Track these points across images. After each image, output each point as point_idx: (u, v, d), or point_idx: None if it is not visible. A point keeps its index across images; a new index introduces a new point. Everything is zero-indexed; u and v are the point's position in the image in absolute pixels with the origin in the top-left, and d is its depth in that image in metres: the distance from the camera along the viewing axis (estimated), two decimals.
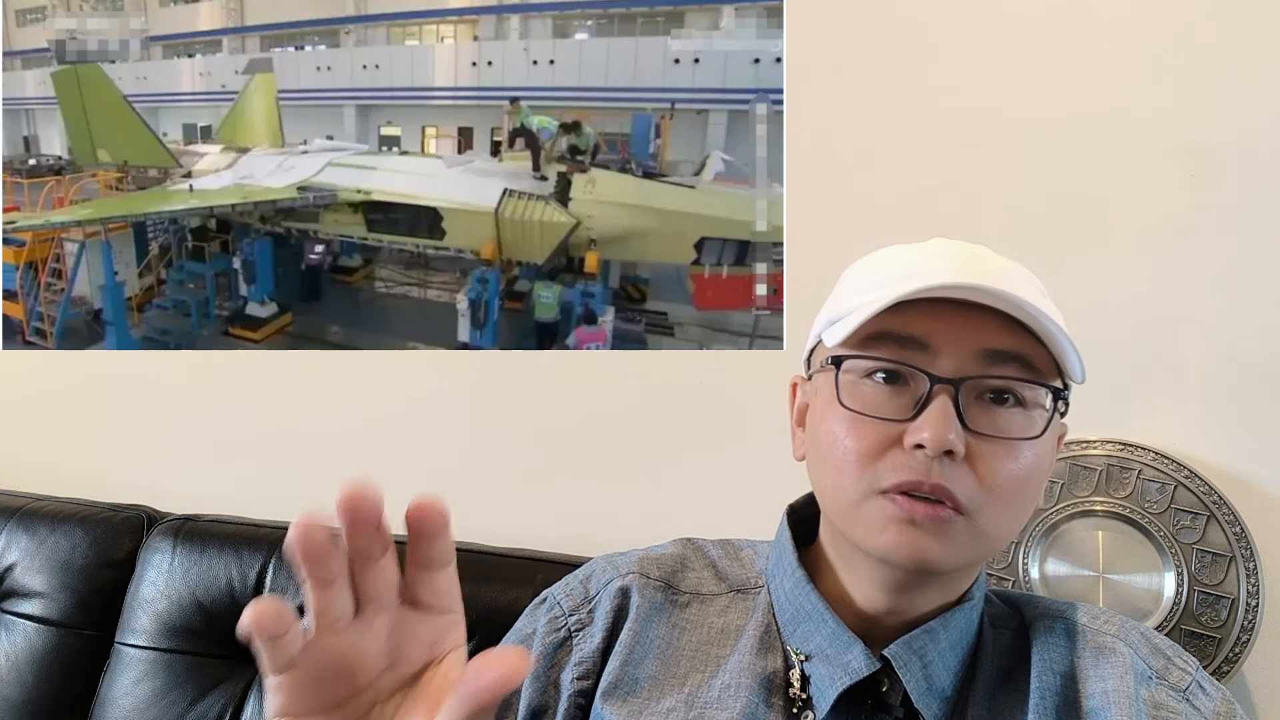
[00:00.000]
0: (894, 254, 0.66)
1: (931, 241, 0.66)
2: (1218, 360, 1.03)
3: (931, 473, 0.59)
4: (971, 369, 0.60)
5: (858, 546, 0.63)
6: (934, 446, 0.58)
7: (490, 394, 1.30)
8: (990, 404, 0.61)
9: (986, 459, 0.60)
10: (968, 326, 0.61)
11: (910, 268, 0.63)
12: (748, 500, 0.97)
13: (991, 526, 0.61)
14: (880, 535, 0.60)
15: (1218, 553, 0.96)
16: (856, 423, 0.62)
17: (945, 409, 0.59)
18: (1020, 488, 0.62)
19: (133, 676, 1.13)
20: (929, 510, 0.59)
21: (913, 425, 0.60)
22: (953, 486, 0.59)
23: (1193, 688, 0.65)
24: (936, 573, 0.63)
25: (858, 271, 0.67)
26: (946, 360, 0.60)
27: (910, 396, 0.61)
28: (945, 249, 0.65)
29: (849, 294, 0.65)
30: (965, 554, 0.62)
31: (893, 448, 0.60)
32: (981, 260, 0.64)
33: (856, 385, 0.62)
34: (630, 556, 0.75)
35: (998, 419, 0.61)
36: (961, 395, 0.60)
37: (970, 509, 0.60)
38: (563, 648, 0.71)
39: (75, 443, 1.52)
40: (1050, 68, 1.08)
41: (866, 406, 0.61)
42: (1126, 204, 1.06)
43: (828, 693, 0.64)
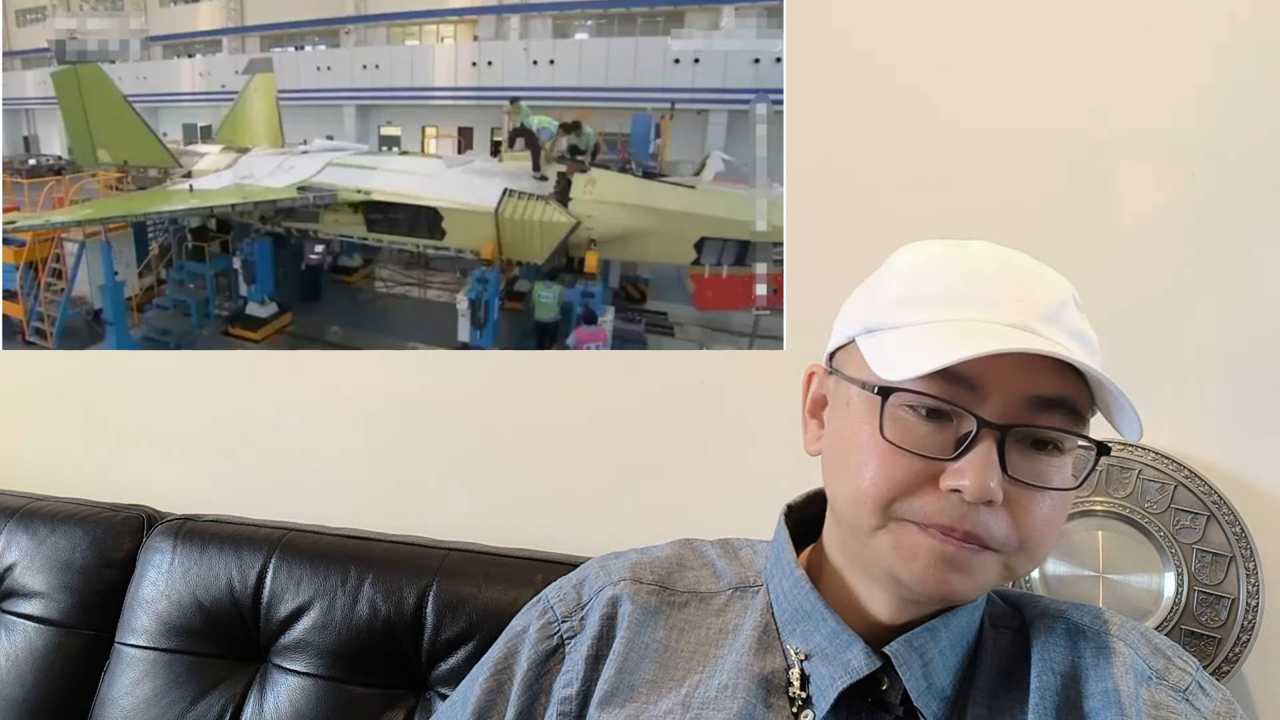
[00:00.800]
0: (940, 261, 0.63)
1: (975, 246, 0.64)
2: (1218, 360, 1.02)
3: (965, 519, 0.58)
4: (1019, 415, 0.59)
5: (877, 563, 0.62)
6: (975, 495, 0.57)
7: (490, 394, 1.30)
8: (1030, 449, 0.60)
9: (1024, 505, 0.59)
10: (1019, 370, 0.59)
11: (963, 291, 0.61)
12: (747, 500, 0.97)
13: (1018, 565, 0.62)
14: (910, 563, 0.60)
15: (1218, 553, 0.96)
16: (894, 454, 0.60)
17: (989, 456, 0.58)
18: (1051, 530, 0.61)
19: (133, 676, 1.13)
20: (963, 549, 0.59)
21: (953, 467, 0.59)
22: (985, 533, 0.59)
23: (1193, 688, 0.65)
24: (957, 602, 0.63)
25: (900, 274, 0.64)
26: (994, 404, 0.59)
27: (952, 434, 0.60)
28: (994, 265, 0.62)
29: (893, 304, 0.63)
30: (990, 585, 0.62)
31: (927, 485, 0.60)
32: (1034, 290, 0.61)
33: (897, 414, 0.61)
34: (625, 560, 0.75)
35: (1038, 465, 0.60)
36: (1006, 441, 0.58)
37: (1003, 550, 0.60)
38: (554, 655, 0.72)
39: (75, 443, 1.52)
40: (1050, 68, 1.08)
41: (907, 440, 0.60)
42: (1126, 204, 1.06)
43: (828, 691, 0.64)
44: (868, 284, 0.67)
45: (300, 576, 1.11)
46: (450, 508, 1.28)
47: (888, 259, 0.67)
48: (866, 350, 0.63)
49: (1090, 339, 0.62)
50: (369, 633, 1.06)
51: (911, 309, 0.61)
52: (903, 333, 0.61)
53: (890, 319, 0.62)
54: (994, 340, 0.57)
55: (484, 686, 0.73)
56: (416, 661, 1.06)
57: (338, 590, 1.09)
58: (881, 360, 0.61)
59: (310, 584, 1.10)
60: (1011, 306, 0.60)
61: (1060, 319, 0.60)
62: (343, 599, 1.08)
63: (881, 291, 0.64)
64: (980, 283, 0.61)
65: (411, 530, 1.17)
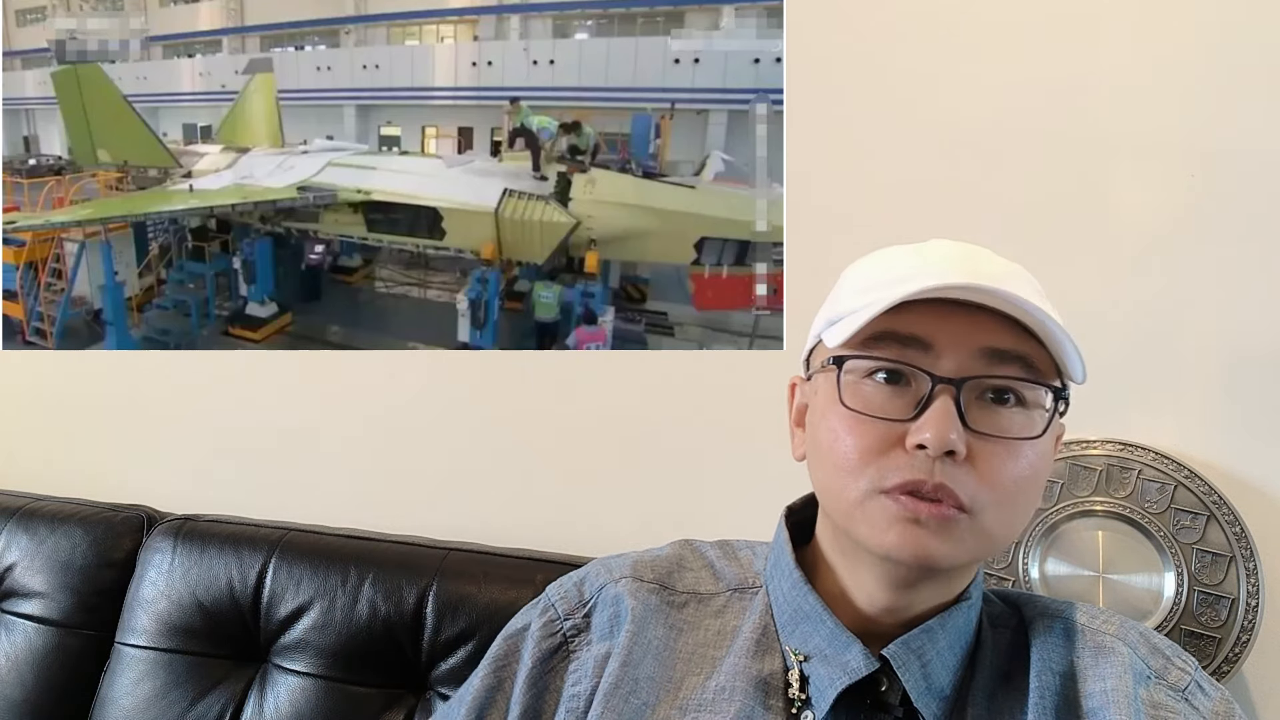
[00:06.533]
0: (893, 256, 0.66)
1: (930, 243, 0.66)
2: (1218, 360, 1.02)
3: (934, 473, 0.59)
4: (973, 368, 0.61)
5: (860, 545, 0.63)
6: (936, 447, 0.59)
7: (490, 394, 1.30)
8: (991, 404, 0.62)
9: (988, 458, 0.60)
10: (969, 326, 0.61)
11: (911, 269, 0.63)
12: (747, 500, 0.97)
13: (994, 525, 0.62)
14: (885, 534, 0.61)
15: (1218, 553, 0.96)
16: (858, 422, 0.62)
17: (947, 409, 0.59)
18: (1022, 487, 0.62)
19: (133, 676, 1.13)
20: (933, 509, 0.60)
21: (914, 425, 0.60)
22: (955, 486, 0.60)
23: (1191, 687, 0.65)
24: (939, 570, 0.63)
25: (857, 272, 0.67)
26: (948, 360, 0.61)
27: (912, 396, 0.61)
28: (945, 250, 0.65)
29: (849, 295, 0.65)
30: (968, 552, 0.62)
31: (894, 448, 0.61)
32: (982, 261, 0.64)
33: (858, 385, 0.63)
34: (625, 560, 0.75)
35: (999, 419, 0.61)
36: (963, 395, 0.60)
37: (973, 508, 0.60)
38: (558, 653, 0.72)
39: (75, 443, 1.52)
40: (1051, 69, 1.08)
41: (868, 406, 0.62)
42: (1127, 205, 1.06)
43: (827, 692, 0.64)
44: (834, 289, 0.69)
45: (300, 576, 1.11)
46: (450, 508, 1.27)
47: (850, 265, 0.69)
48: (827, 338, 0.65)
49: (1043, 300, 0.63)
50: (369, 633, 1.06)
51: (868, 294, 0.63)
52: (855, 315, 0.63)
53: (846, 307, 0.64)
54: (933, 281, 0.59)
55: (485, 684, 0.73)
56: (416, 661, 1.06)
57: (338, 590, 1.09)
58: (834, 337, 0.64)
59: (310, 584, 1.10)
60: (958, 271, 0.62)
61: (1008, 281, 0.61)
62: (343, 599, 1.08)
63: (842, 289, 0.67)
64: (934, 263, 0.63)
65: (411, 530, 1.17)
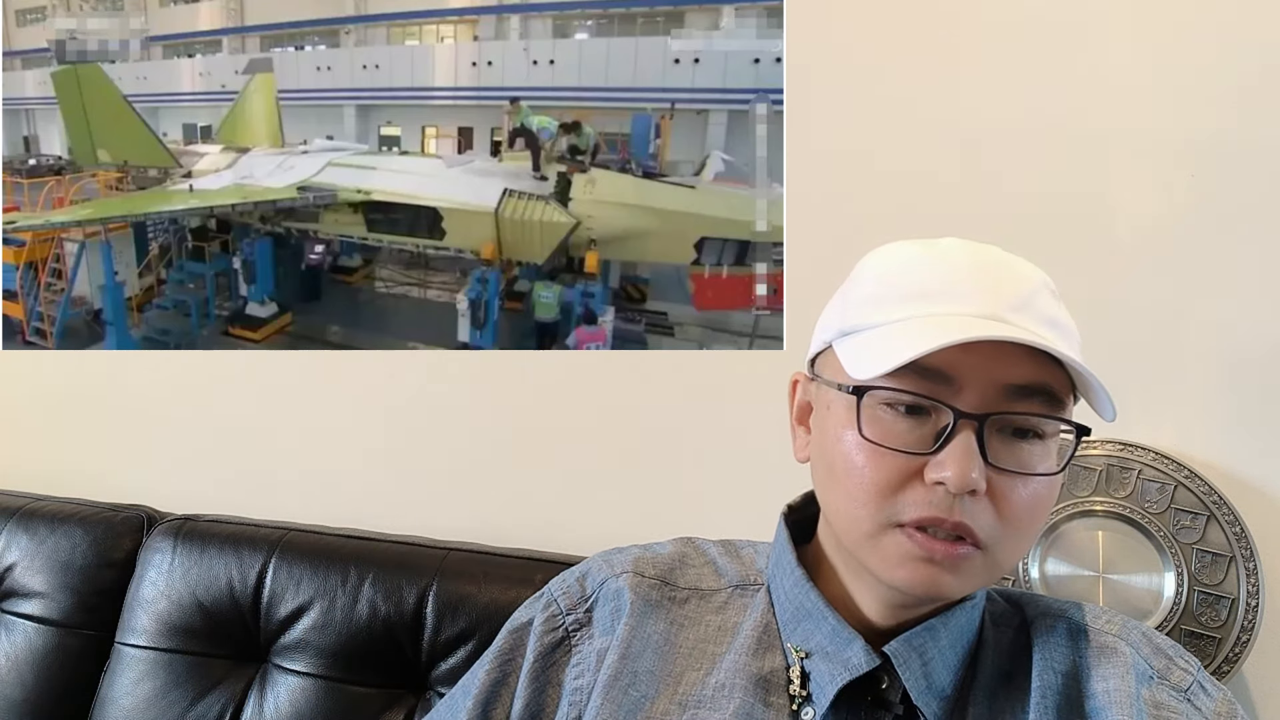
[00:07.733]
0: (910, 260, 0.64)
1: (944, 243, 0.65)
2: (1218, 360, 1.02)
3: (953, 511, 0.59)
4: (996, 404, 0.59)
5: (870, 573, 0.63)
6: (958, 486, 0.58)
7: (490, 394, 1.30)
8: (1011, 437, 0.60)
9: (1006, 494, 0.60)
10: (992, 359, 0.59)
11: (933, 286, 0.61)
12: (747, 500, 0.97)
13: (1006, 557, 0.62)
14: (896, 569, 0.60)
15: (1218, 553, 0.96)
16: (876, 454, 0.60)
17: (969, 446, 0.58)
18: (1036, 516, 0.62)
19: (133, 676, 1.13)
20: (948, 549, 0.59)
21: (935, 460, 0.59)
22: (973, 524, 0.59)
23: (1194, 688, 0.65)
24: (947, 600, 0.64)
25: (870, 274, 0.65)
26: (970, 394, 0.59)
27: (931, 428, 0.60)
28: (964, 259, 0.63)
29: (864, 304, 0.63)
30: (978, 583, 0.63)
31: (912, 481, 0.60)
32: (1003, 280, 0.62)
33: (875, 413, 0.61)
34: (627, 554, 0.75)
35: (1019, 454, 0.60)
36: (985, 430, 0.59)
37: (988, 544, 0.60)
38: (560, 647, 0.72)
39: (75, 443, 1.51)
40: (1051, 68, 1.08)
41: (887, 438, 0.60)
42: (1127, 204, 1.06)
43: (827, 689, 0.64)
44: (843, 288, 0.68)
45: (300, 576, 1.11)
46: (450, 508, 1.27)
47: (860, 261, 0.68)
48: (841, 353, 0.64)
49: (1065, 324, 0.62)
50: (369, 633, 1.06)
51: (882, 308, 0.62)
52: (874, 332, 0.61)
53: (862, 320, 0.63)
54: (959, 331, 0.58)
55: (490, 677, 0.73)
56: (416, 661, 1.06)
57: (338, 590, 1.09)
58: (854, 360, 0.62)
59: (310, 584, 1.10)
60: (980, 297, 0.60)
61: (1031, 306, 0.60)
62: (343, 599, 1.08)
63: (854, 293, 0.65)
64: (949, 276, 0.62)
65: (411, 530, 1.17)
